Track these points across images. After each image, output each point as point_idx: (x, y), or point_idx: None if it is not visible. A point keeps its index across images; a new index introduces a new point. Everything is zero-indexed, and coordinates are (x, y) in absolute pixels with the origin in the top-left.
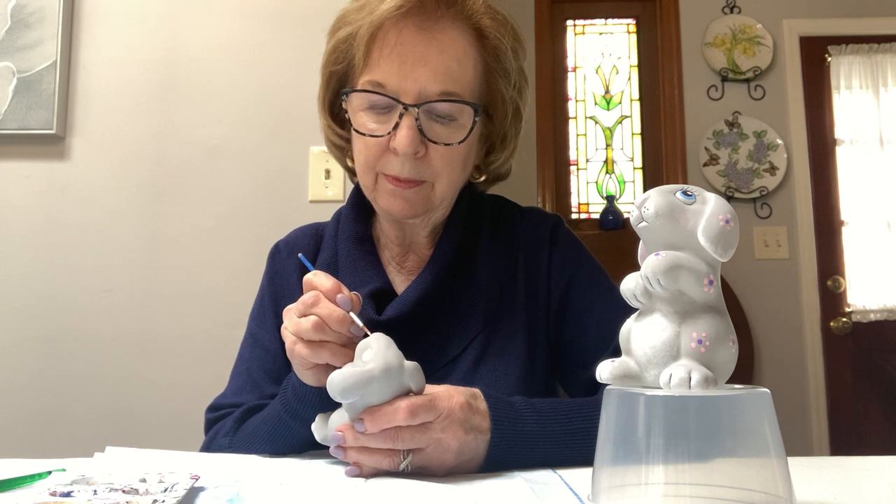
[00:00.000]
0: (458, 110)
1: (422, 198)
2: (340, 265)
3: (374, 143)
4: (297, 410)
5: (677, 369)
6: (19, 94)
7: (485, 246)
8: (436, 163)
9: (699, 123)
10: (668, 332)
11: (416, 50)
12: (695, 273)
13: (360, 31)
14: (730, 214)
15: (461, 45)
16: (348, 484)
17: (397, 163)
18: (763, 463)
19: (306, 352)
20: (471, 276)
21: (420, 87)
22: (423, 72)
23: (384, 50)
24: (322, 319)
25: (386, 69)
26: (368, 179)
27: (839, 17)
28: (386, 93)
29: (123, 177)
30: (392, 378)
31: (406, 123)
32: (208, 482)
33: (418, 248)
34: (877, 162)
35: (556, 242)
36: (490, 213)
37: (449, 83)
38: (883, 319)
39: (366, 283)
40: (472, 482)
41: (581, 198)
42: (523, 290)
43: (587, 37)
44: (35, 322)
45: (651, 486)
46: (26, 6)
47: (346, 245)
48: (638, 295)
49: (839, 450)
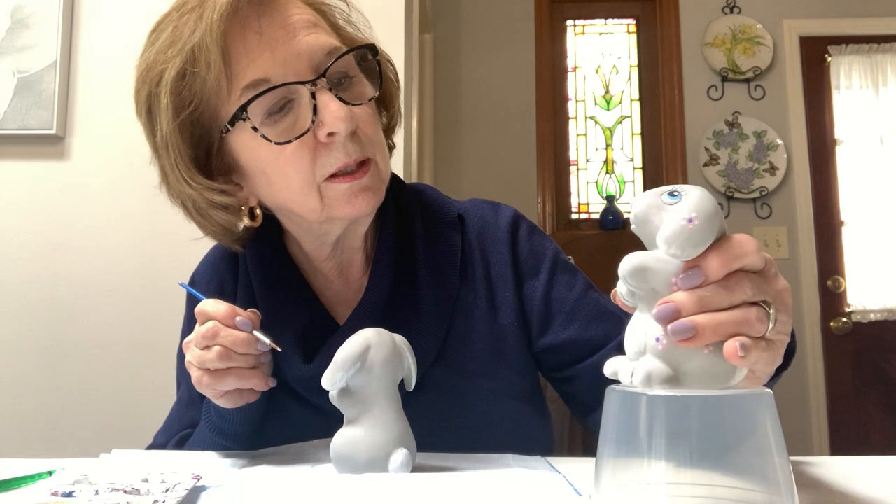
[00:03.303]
0: (350, 64)
1: (377, 180)
2: (259, 301)
3: (301, 147)
4: (225, 430)
5: (638, 366)
6: (19, 94)
7: (424, 266)
8: (368, 131)
9: (699, 123)
10: (641, 331)
11: (277, 29)
12: (661, 272)
13: (204, 51)
14: (696, 213)
15: (305, 11)
16: (349, 484)
17: (339, 150)
18: (765, 463)
19: (213, 382)
20: (412, 305)
21: (308, 59)
22: (299, 44)
23: (245, 49)
24: (227, 348)
25: (261, 63)
26: (313, 199)
27: (839, 17)
28: (281, 82)
29: (123, 177)
30: (384, 338)
31: (326, 98)
32: (210, 482)
33: (353, 259)
34: (877, 162)
35: (517, 245)
36: (423, 218)
37: (327, 40)
38: (883, 319)
39: (291, 323)
40: (475, 481)
41: (581, 198)
42: (485, 303)
43: (587, 37)
44: (35, 322)
45: (653, 485)
46: (26, 6)
47: (261, 276)
48: (624, 295)
49: (839, 450)
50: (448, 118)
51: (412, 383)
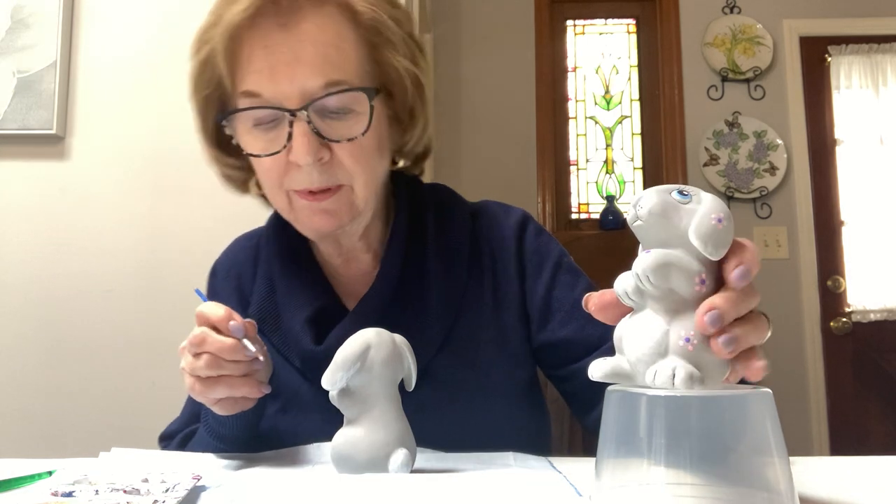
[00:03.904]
0: (351, 100)
1: (343, 204)
2: (277, 286)
3: (272, 162)
4: (224, 434)
5: (662, 367)
6: (19, 94)
7: (433, 259)
8: (346, 162)
9: (699, 123)
10: (658, 331)
11: (285, 49)
12: (685, 271)
13: (217, 46)
14: (723, 213)
15: (333, 29)
16: (350, 484)
17: (304, 175)
18: (765, 463)
19: (204, 389)
20: (420, 294)
21: (301, 87)
22: (298, 70)
23: (249, 59)
24: (215, 354)
25: (257, 78)
26: (281, 201)
27: (839, 17)
28: (266, 104)
29: (123, 177)
30: (384, 338)
31: (299, 131)
32: (210, 482)
33: (357, 255)
34: (877, 162)
35: (523, 243)
36: (435, 215)
37: (331, 73)
38: (883, 319)
39: (305, 305)
40: (475, 481)
41: (581, 198)
42: (491, 299)
43: (587, 37)
44: (35, 322)
45: (653, 485)
46: (26, 6)
47: (280, 263)
48: (630, 293)
49: (839, 450)
50: (448, 118)
51: (412, 383)
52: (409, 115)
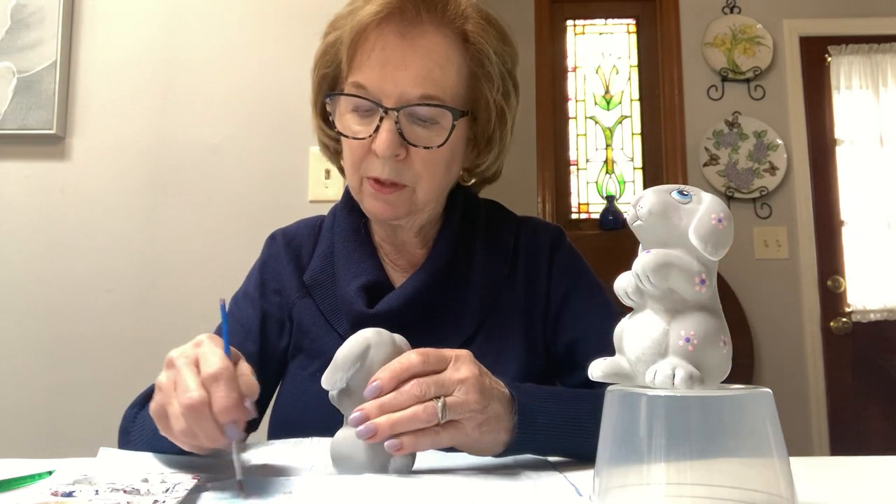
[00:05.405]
0: (438, 114)
1: (403, 201)
2: (337, 256)
3: (358, 146)
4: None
5: (662, 366)
6: (19, 94)
7: (480, 249)
8: (417, 166)
9: (699, 123)
10: (658, 331)
11: (397, 54)
12: (685, 271)
13: (344, 36)
14: (723, 214)
15: (443, 49)
16: (350, 484)
17: (378, 165)
18: (765, 463)
19: (166, 428)
20: (466, 277)
21: (400, 91)
22: (403, 75)
23: (366, 54)
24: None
25: (368, 73)
26: (354, 181)
27: (839, 17)
28: (367, 96)
29: (123, 177)
30: (384, 338)
31: (386, 126)
32: (210, 482)
33: (409, 248)
34: (877, 162)
35: (557, 251)
36: (486, 218)
37: (429, 87)
38: (883, 319)
39: (361, 274)
40: (475, 481)
41: (581, 198)
42: (522, 294)
43: (587, 37)
44: (35, 322)
45: (653, 485)
46: (26, 6)
47: (343, 236)
48: (630, 293)
49: (839, 450)
50: None
51: None
52: (486, 141)
